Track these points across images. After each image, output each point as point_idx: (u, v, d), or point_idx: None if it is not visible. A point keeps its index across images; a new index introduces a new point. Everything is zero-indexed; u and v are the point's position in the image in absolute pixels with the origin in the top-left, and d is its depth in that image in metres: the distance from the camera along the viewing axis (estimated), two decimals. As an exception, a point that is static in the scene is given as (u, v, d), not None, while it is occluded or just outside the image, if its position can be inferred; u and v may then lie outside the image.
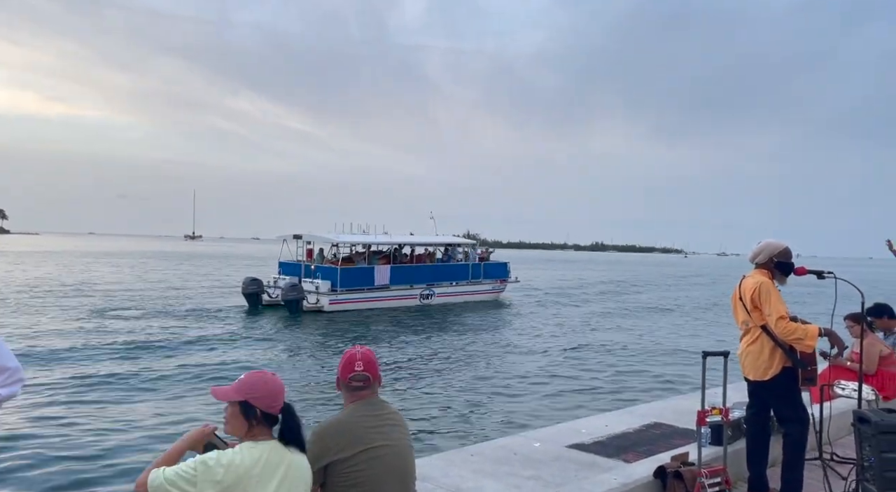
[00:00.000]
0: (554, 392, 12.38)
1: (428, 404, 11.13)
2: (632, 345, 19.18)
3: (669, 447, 4.59)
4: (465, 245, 30.96)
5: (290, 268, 26.27)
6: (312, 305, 23.73)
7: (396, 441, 2.43)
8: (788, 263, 4.20)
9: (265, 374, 2.26)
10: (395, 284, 26.24)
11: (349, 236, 27.37)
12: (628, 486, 3.79)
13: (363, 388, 2.49)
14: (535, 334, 20.70)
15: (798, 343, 4.01)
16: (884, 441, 3.21)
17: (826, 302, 4.42)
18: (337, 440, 2.34)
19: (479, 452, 4.62)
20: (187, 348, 16.07)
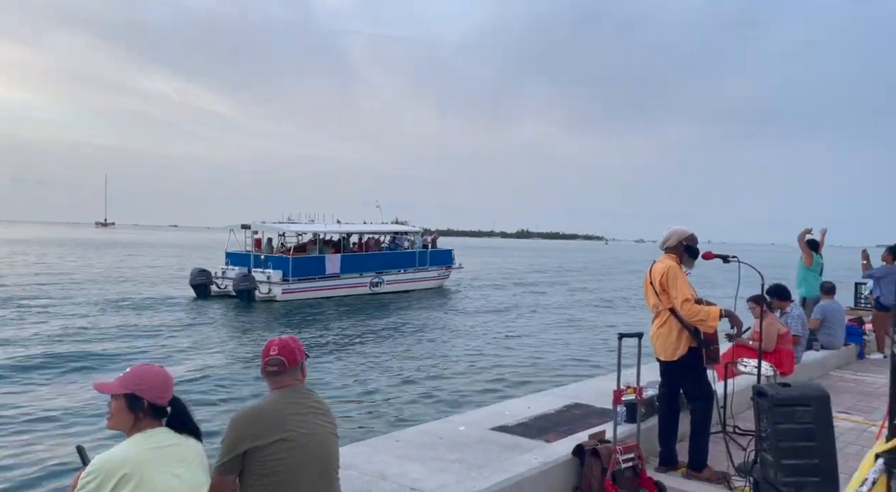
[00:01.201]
0: (485, 377, 12.68)
1: (362, 392, 11.16)
2: (559, 328, 19.99)
3: (588, 426, 4.76)
4: (411, 233, 31.45)
5: (239, 258, 26.09)
6: (265, 294, 23.73)
7: (319, 429, 2.41)
8: (695, 248, 4.44)
9: (152, 366, 2.28)
10: (346, 272, 26.57)
11: (300, 226, 27.34)
12: (548, 465, 3.92)
13: (279, 372, 2.48)
14: (472, 320, 21.20)
15: (701, 324, 4.25)
16: (779, 413, 3.45)
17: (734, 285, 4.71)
18: (254, 428, 2.30)
19: (405, 437, 4.64)
20: (135, 343, 15.41)
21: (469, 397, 10.97)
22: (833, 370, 8.48)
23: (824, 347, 8.58)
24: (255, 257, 25.40)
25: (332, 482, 2.45)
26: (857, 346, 9.29)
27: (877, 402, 6.82)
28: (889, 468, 2.63)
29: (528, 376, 12.90)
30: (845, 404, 6.66)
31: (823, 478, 3.37)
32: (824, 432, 3.43)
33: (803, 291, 9.51)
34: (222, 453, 2.32)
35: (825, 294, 9.01)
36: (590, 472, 3.95)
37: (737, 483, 4.20)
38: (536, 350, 16.00)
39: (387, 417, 9.69)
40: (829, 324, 8.66)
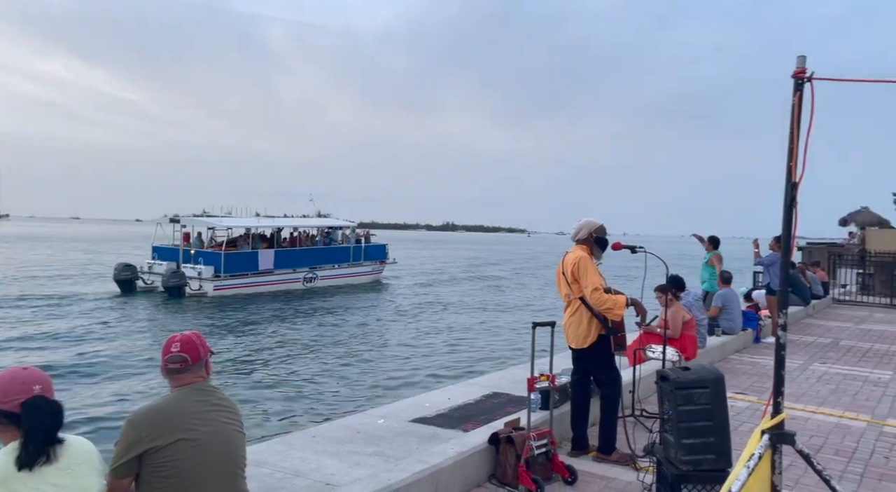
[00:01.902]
0: (409, 370, 12.76)
1: (285, 389, 11.00)
2: (484, 320, 20.44)
3: (505, 415, 4.86)
4: (345, 227, 31.29)
5: (167, 252, 25.21)
6: (195, 290, 23.17)
7: (222, 427, 2.33)
8: (605, 239, 4.63)
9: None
10: (279, 268, 26.24)
11: (232, 220, 26.85)
12: (464, 454, 3.97)
13: (181, 370, 2.37)
14: (402, 315, 21.31)
15: (608, 312, 4.44)
16: (680, 396, 3.65)
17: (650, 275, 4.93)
18: (152, 428, 2.19)
19: (322, 432, 4.58)
20: (57, 340, 14.63)
21: (392, 390, 10.99)
22: (732, 354, 9.06)
23: (725, 332, 9.15)
24: (184, 252, 24.73)
25: (238, 481, 2.37)
26: (754, 331, 9.96)
27: (769, 382, 7.30)
28: (773, 444, 2.84)
29: (452, 367, 13.08)
30: (742, 385, 7.14)
31: (718, 454, 3.59)
32: (719, 412, 3.66)
33: (707, 287, 10.23)
34: (116, 456, 2.19)
35: (724, 283, 9.64)
36: (504, 459, 4.04)
37: (642, 464, 4.41)
38: (461, 342, 16.27)
39: (307, 413, 9.56)
40: (727, 311, 9.25)
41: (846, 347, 10.02)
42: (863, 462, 4.80)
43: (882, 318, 13.95)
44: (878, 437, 5.45)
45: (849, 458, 4.90)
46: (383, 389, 11.10)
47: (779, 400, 2.86)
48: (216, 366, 12.73)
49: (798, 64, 2.62)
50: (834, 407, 6.36)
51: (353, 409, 9.28)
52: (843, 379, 7.67)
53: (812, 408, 6.30)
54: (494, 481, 4.10)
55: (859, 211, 26.02)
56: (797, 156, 2.62)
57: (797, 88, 2.61)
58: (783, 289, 2.89)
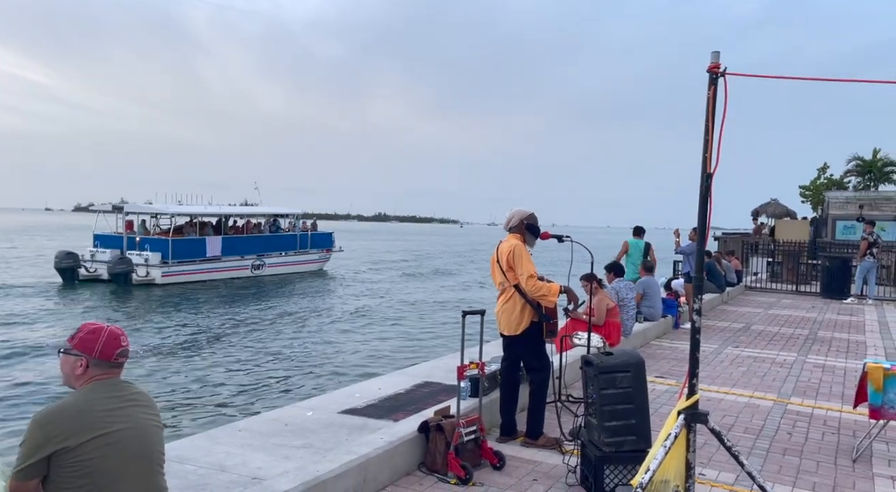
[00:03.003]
0: (342, 360, 12.68)
1: (214, 381, 10.72)
2: (420, 309, 20.72)
3: (436, 404, 4.89)
4: (291, 215, 31.34)
5: (110, 240, 24.69)
6: (142, 278, 22.90)
7: (138, 423, 2.22)
8: (536, 226, 4.72)
9: None
10: (227, 255, 26.25)
11: (177, 207, 26.40)
12: (393, 443, 3.97)
13: (119, 366, 2.26)
14: (343, 303, 21.37)
15: (542, 299, 4.54)
16: (603, 380, 3.79)
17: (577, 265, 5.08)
18: (62, 427, 2.06)
19: (248, 426, 4.46)
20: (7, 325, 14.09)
21: (322, 381, 10.86)
22: (653, 339, 9.46)
23: (646, 319, 9.55)
24: (129, 240, 24.34)
25: (157, 478, 2.28)
26: (673, 317, 10.44)
27: (687, 366, 7.75)
28: (688, 423, 2.98)
29: (384, 357, 13.06)
30: (661, 369, 7.48)
31: (638, 436, 3.75)
32: (640, 395, 3.82)
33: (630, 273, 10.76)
34: (22, 457, 2.05)
35: (646, 271, 10.06)
36: (434, 447, 4.07)
37: (568, 447, 4.54)
38: (395, 332, 16.31)
39: (234, 406, 9.31)
40: (648, 298, 9.65)
41: (756, 331, 10.66)
42: (769, 439, 5.13)
43: (789, 303, 14.94)
44: (783, 414, 5.83)
45: (756, 435, 5.22)
46: (313, 380, 10.97)
47: (694, 382, 3.01)
48: (152, 356, 12.36)
49: (712, 59, 2.74)
50: (745, 388, 6.76)
51: (281, 401, 9.11)
52: (753, 361, 8.16)
53: (725, 389, 6.67)
54: (424, 468, 4.12)
55: (769, 203, 27.71)
56: (712, 148, 2.75)
57: (712, 82, 2.73)
58: (699, 275, 3.04)
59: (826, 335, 10.44)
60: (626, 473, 3.69)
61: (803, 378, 7.33)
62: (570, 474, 4.06)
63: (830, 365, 8.12)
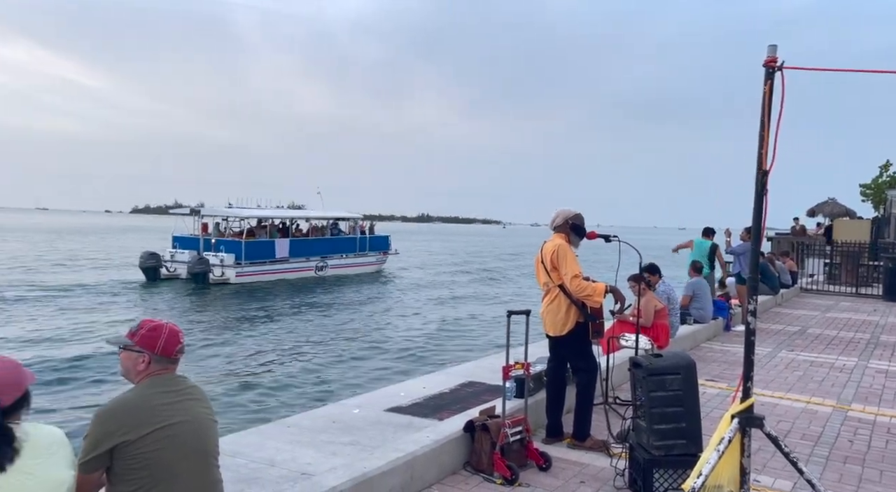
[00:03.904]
0: (390, 359, 12.85)
1: (266, 378, 11.04)
2: (468, 309, 20.84)
3: (480, 403, 4.89)
4: (351, 219, 32.73)
5: (188, 242, 26.49)
6: (218, 277, 24.28)
7: (195, 417, 2.29)
8: (581, 226, 4.66)
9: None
10: (294, 256, 27.62)
11: (248, 211, 27.92)
12: (439, 442, 3.98)
13: (177, 361, 2.35)
14: (396, 304, 21.91)
15: (588, 299, 4.48)
16: (651, 382, 3.71)
17: (624, 266, 5.01)
18: (123, 422, 2.14)
19: (297, 423, 4.55)
20: (96, 325, 15.22)
21: (368, 380, 11.00)
22: (703, 342, 9.22)
23: (696, 321, 9.31)
24: (205, 241, 25.95)
25: (212, 471, 2.34)
26: (724, 319, 10.15)
27: (739, 369, 7.42)
28: (742, 427, 2.90)
29: (429, 357, 13.15)
30: (712, 372, 7.28)
31: (689, 440, 3.66)
32: (691, 398, 3.73)
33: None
34: (85, 451, 2.14)
35: (695, 272, 9.79)
36: (480, 447, 4.06)
37: (615, 450, 4.47)
38: (441, 331, 16.49)
39: (283, 403, 9.52)
40: (698, 299, 9.40)
41: (813, 334, 10.26)
42: (828, 446, 4.94)
43: (848, 306, 14.33)
44: (843, 421, 5.60)
45: (815, 442, 5.03)
46: (360, 379, 11.11)
47: (748, 385, 2.92)
48: (213, 349, 12.85)
49: (769, 53, 2.65)
50: (801, 393, 6.52)
51: (328, 398, 9.26)
52: (809, 366, 7.86)
53: (780, 394, 6.45)
54: (469, 468, 4.12)
55: (826, 202, 26.63)
56: (767, 144, 2.66)
57: (768, 77, 2.65)
58: (753, 276, 2.94)
59: (890, 340, 9.97)
60: (677, 477, 3.61)
61: (865, 384, 7.02)
62: (619, 477, 3.99)
63: (895, 371, 7.75)
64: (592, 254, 24.42)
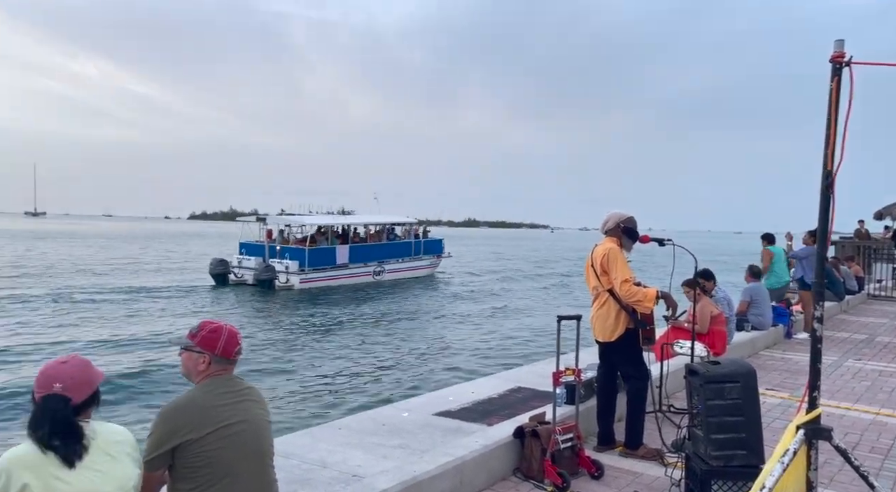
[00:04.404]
0: (439, 363, 12.91)
1: (317, 380, 11.20)
2: (514, 313, 20.86)
3: (529, 409, 4.84)
4: (406, 224, 33.45)
5: (253, 248, 27.46)
6: (283, 284, 25.17)
7: (253, 417, 2.34)
8: (634, 230, 4.55)
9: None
10: (353, 262, 28.31)
11: (311, 218, 28.95)
12: (489, 447, 3.95)
13: (235, 362, 2.41)
14: (446, 308, 22.16)
15: (638, 305, 4.37)
16: (709, 390, 3.58)
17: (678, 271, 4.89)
18: (187, 420, 2.20)
19: (347, 425, 4.60)
20: (166, 327, 16.04)
21: (417, 383, 11.04)
22: (762, 350, 8.88)
23: (754, 327, 8.97)
24: (270, 248, 26.77)
25: (268, 471, 2.39)
26: (785, 326, 9.75)
27: (802, 378, 7.19)
28: (809, 439, 2.76)
29: (478, 361, 13.12)
30: (773, 381, 6.99)
31: (749, 450, 3.51)
32: (751, 407, 3.58)
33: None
34: (150, 449, 2.20)
35: (752, 277, 9.41)
36: (530, 453, 4.01)
37: (670, 459, 4.34)
38: (490, 335, 16.45)
39: (333, 405, 9.65)
40: (756, 305, 9.05)
41: (882, 343, 9.75)
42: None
43: (919, 314, 13.55)
44: (915, 435, 5.29)
45: (885, 455, 4.77)
46: (409, 382, 11.16)
47: (815, 395, 2.79)
48: (270, 351, 13.18)
49: (835, 48, 2.53)
50: (869, 404, 6.20)
51: (378, 401, 9.33)
52: (878, 376, 7.46)
53: (847, 405, 6.14)
54: (519, 474, 4.07)
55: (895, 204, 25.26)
56: (834, 143, 2.54)
57: (835, 73, 2.53)
58: (819, 281, 2.81)
59: (965, 349, 9.38)
60: (737, 489, 3.47)
61: (939, 396, 6.62)
62: (674, 488, 3.87)
63: (972, 382, 7.29)
64: (646, 257, 23.95)
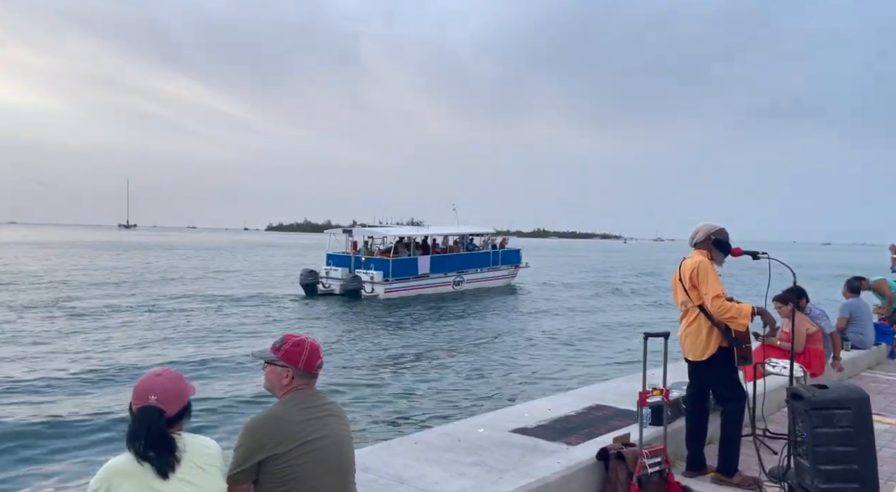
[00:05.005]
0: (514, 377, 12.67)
1: (393, 391, 11.16)
2: (591, 327, 20.34)
3: (610, 429, 4.63)
4: (485, 234, 33.90)
5: (339, 259, 28.51)
6: (369, 294, 26.10)
7: (335, 433, 2.31)
8: (726, 242, 4.27)
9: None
10: (434, 272, 28.95)
11: (394, 229, 29.87)
12: (571, 469, 3.78)
13: (316, 376, 2.39)
14: (522, 319, 21.98)
15: (732, 322, 4.08)
16: (816, 416, 3.29)
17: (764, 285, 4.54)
18: (272, 435, 2.19)
19: (423, 439, 4.53)
20: (270, 332, 16.97)
21: (491, 397, 10.87)
22: (864, 371, 8.22)
23: (854, 346, 8.31)
24: (356, 259, 27.74)
25: (350, 487, 2.35)
26: (888, 345, 8.99)
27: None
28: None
29: (553, 376, 12.81)
30: (879, 405, 6.43)
31: (863, 484, 3.21)
32: (864, 436, 3.27)
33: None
34: (235, 463, 2.21)
35: (851, 292, 8.71)
36: (615, 476, 3.81)
37: (769, 489, 4.02)
38: (566, 349, 16.06)
39: (407, 419, 9.60)
40: (856, 322, 8.38)
41: None
42: None
43: None
44: None
45: None
46: (484, 395, 11.00)
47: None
48: (359, 364, 13.47)
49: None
50: None
51: (453, 415, 9.24)
52: None
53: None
54: (603, 499, 3.88)
55: None
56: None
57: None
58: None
59: None
60: (848, 527, 3.16)
61: None
62: (774, 521, 3.58)
63: None
64: (737, 271, 22.64)
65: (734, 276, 33.35)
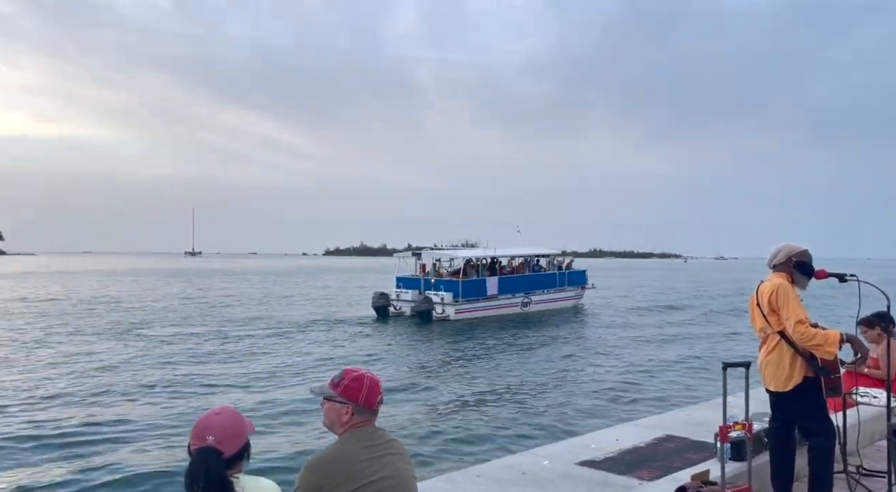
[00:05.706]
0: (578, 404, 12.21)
1: (455, 419, 10.85)
2: (662, 352, 19.35)
3: (684, 462, 4.36)
4: (551, 256, 33.84)
5: (409, 282, 29.06)
6: (440, 315, 26.45)
7: (398, 472, 2.21)
8: (808, 264, 3.97)
9: None
10: (502, 293, 29.10)
11: (462, 252, 30.27)
12: (647, 508, 3.55)
13: (377, 413, 2.30)
14: (588, 343, 21.60)
15: (818, 349, 3.78)
16: (922, 456, 2.98)
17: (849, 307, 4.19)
18: (332, 476, 2.11)
19: (485, 472, 4.38)
20: (343, 358, 17.31)
21: (558, 424, 10.51)
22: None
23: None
24: (425, 281, 28.19)
25: (414, 528, 2.23)
26: None
27: None
28: None
29: (622, 403, 12.32)
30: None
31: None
32: (982, 480, 2.92)
33: None
34: None
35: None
36: (694, 517, 3.55)
37: (868, 534, 3.67)
38: (638, 375, 15.35)
39: (469, 446, 9.34)
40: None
41: None
42: None
43: None
44: None
45: None
46: (548, 424, 10.61)
47: None
48: (416, 386, 13.53)
49: None
50: None
51: (515, 445, 8.96)
52: None
53: None
54: (682, 541, 3.62)
55: None
56: None
57: None
58: None
59: None
60: None
61: None
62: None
63: None
64: (823, 293, 21.25)
65: (816, 297, 31.47)
